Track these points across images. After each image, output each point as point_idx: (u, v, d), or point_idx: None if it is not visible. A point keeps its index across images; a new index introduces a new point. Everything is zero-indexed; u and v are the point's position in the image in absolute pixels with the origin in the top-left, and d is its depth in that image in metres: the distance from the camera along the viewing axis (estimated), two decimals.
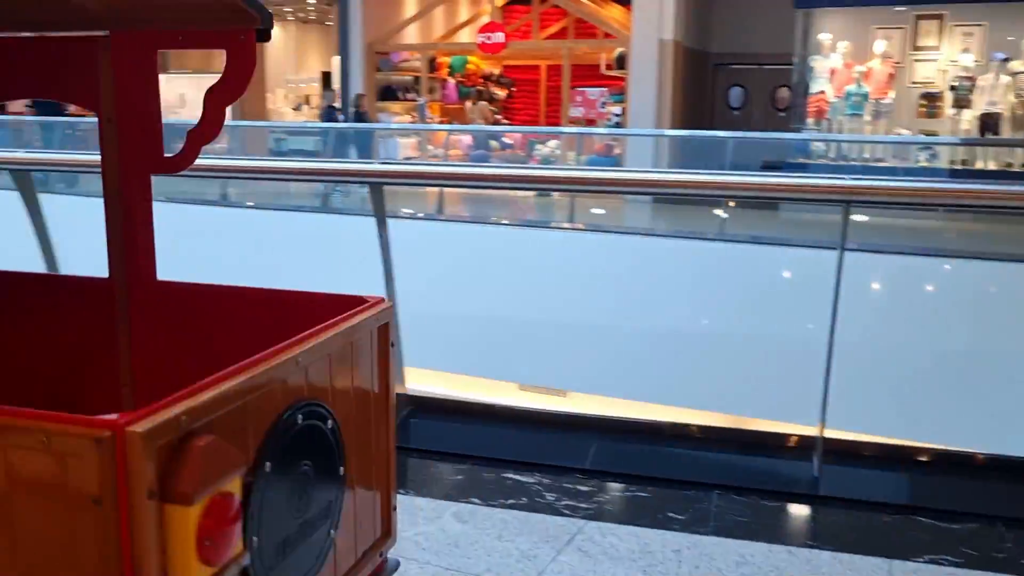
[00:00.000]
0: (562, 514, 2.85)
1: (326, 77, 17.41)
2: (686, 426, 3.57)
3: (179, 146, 1.76)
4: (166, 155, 1.80)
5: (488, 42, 14.72)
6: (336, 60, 15.81)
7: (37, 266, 4.00)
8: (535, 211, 10.91)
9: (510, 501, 2.94)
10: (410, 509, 2.82)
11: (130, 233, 1.80)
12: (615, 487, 3.10)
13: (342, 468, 1.59)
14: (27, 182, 4.02)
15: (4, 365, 1.93)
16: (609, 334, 6.29)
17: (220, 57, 1.77)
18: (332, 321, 1.58)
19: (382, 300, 1.76)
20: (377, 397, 1.73)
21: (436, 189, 9.04)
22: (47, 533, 1.11)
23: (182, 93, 16.73)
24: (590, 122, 14.77)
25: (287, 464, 1.40)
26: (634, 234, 8.98)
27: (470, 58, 16.90)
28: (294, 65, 18.18)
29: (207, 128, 1.77)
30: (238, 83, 1.73)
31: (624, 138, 14.05)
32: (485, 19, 15.46)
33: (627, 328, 6.34)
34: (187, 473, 1.13)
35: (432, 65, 16.38)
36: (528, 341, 6.44)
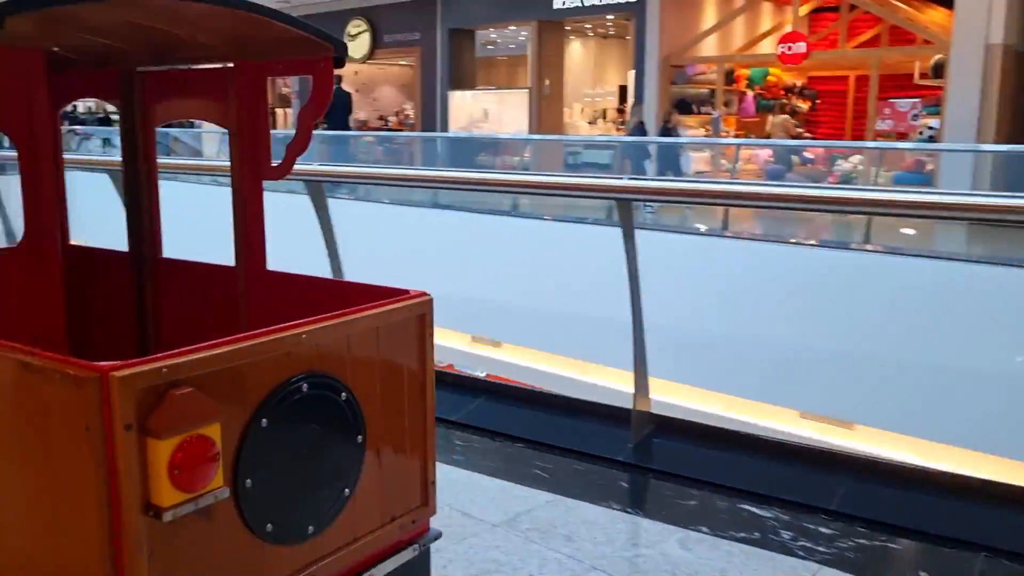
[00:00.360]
0: (795, 555, 2.70)
1: (623, 91, 17.85)
2: (960, 476, 3.15)
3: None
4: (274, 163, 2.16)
5: (788, 52, 14.25)
6: (631, 74, 16.17)
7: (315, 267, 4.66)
8: (830, 230, 10.43)
9: (741, 534, 2.83)
10: (634, 530, 2.90)
11: (244, 228, 2.19)
12: (862, 532, 2.84)
13: (360, 437, 1.83)
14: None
15: (181, 333, 2.42)
16: (899, 366, 5.90)
17: (524, 74, 2.06)
18: (356, 308, 1.83)
19: (423, 294, 1.98)
20: (412, 379, 1.95)
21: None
22: (62, 450, 1.47)
23: (486, 108, 18.07)
24: (900, 136, 13.75)
25: (286, 423, 1.67)
26: (937, 259, 8.26)
27: (771, 70, 16.43)
28: (591, 80, 18.83)
29: (301, 143, 2.11)
30: (322, 102, 2.04)
31: (938, 154, 12.87)
32: (787, 28, 14.97)
33: (922, 361, 5.87)
34: (159, 414, 1.44)
35: (729, 77, 16.16)
36: (807, 367, 6.21)
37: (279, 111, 20.91)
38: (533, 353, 9.03)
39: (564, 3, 16.31)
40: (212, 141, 19.71)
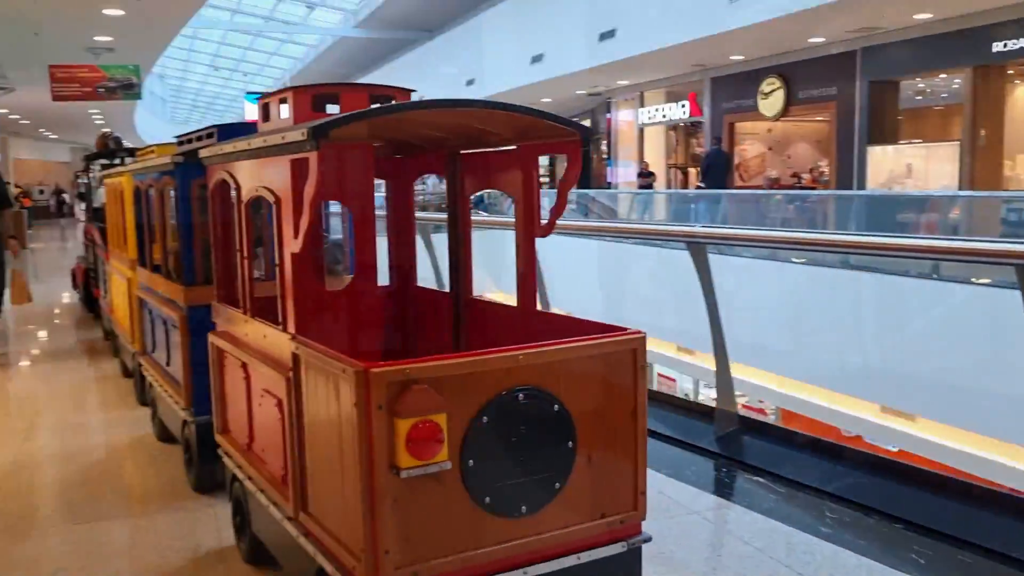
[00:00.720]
0: None
1: None
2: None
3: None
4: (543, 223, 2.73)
5: None
6: None
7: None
8: None
9: None
10: None
11: (522, 273, 2.78)
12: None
13: (570, 442, 2.28)
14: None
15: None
16: None
17: (954, 125, 2.57)
18: (572, 339, 2.30)
19: (638, 332, 2.38)
20: (623, 402, 2.36)
21: None
22: (341, 423, 2.15)
23: (909, 163, 17.06)
24: None
25: (504, 422, 2.19)
26: None
27: None
28: None
29: (559, 207, 2.65)
30: (574, 175, 2.58)
31: None
32: None
33: None
34: (401, 401, 2.05)
35: None
36: None
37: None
38: (953, 431, 8.55)
39: (1006, 46, 14.92)
40: (624, 201, 21.20)
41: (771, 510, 3.60)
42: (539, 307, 2.83)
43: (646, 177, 21.39)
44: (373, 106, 2.65)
